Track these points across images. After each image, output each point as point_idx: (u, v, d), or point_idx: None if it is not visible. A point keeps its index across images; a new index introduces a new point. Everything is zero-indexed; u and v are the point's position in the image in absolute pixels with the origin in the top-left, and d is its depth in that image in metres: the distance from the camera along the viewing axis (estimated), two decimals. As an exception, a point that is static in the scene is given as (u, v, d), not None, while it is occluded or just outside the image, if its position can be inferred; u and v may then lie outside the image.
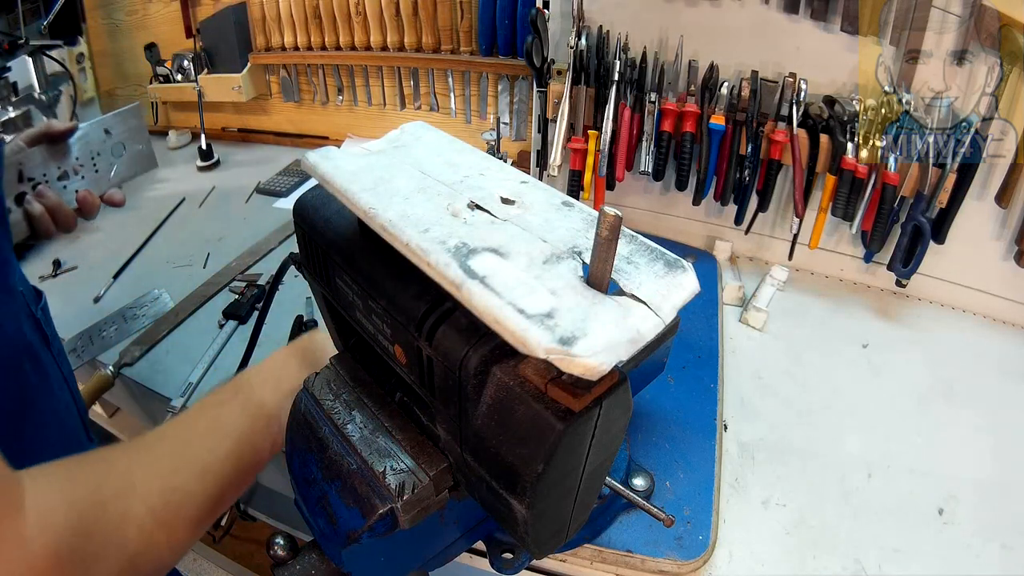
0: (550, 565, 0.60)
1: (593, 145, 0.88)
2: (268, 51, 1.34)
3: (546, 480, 0.32)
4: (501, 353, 0.32)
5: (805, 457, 0.68)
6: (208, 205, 1.23)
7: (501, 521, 0.40)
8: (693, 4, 0.83)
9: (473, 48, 1.14)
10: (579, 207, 0.37)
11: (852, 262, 0.92)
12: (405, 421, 0.44)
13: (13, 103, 1.12)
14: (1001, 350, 0.82)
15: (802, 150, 0.81)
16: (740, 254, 0.99)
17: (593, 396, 0.30)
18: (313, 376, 0.48)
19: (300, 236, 0.46)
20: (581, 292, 0.30)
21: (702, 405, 0.71)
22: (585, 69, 0.86)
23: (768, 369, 0.79)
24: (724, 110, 0.83)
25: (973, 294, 0.87)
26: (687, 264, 0.33)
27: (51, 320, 0.63)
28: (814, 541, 0.60)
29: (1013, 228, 0.79)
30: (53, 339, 0.61)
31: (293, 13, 1.26)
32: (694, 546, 0.57)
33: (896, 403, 0.74)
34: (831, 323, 0.87)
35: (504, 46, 1.10)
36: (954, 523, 0.62)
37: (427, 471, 0.40)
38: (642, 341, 0.29)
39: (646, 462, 0.62)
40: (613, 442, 0.36)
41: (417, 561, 0.48)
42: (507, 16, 1.06)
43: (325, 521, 0.42)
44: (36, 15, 1.16)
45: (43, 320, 0.60)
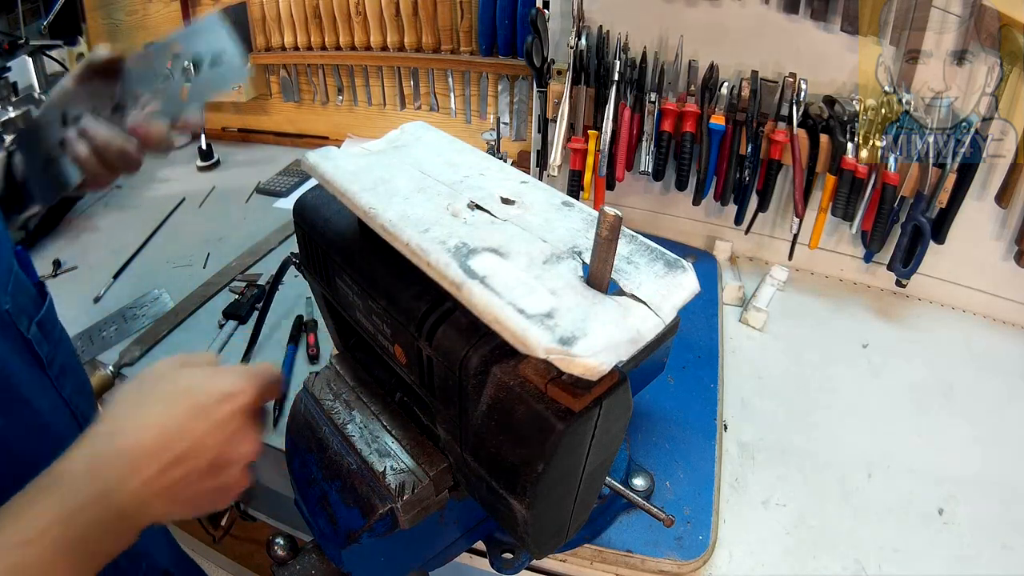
0: (550, 565, 0.59)
1: (593, 145, 0.88)
2: (268, 51, 1.34)
3: (546, 480, 0.32)
4: (501, 353, 0.32)
5: (805, 457, 0.68)
6: (208, 205, 1.23)
7: (501, 521, 0.40)
8: (693, 4, 0.83)
9: (473, 48, 1.14)
10: (579, 207, 0.37)
11: (852, 262, 0.92)
12: (405, 421, 0.44)
13: (13, 103, 1.12)
14: (1001, 350, 0.82)
15: (802, 150, 0.81)
16: (740, 254, 0.99)
17: (593, 396, 0.30)
18: (313, 376, 0.48)
19: (300, 236, 0.46)
20: (581, 292, 0.30)
21: (702, 405, 0.71)
22: (585, 69, 0.86)
23: (768, 369, 0.79)
24: (724, 110, 0.83)
25: (973, 294, 0.87)
26: (687, 264, 0.33)
27: (54, 329, 0.52)
28: (814, 541, 0.60)
29: (1013, 228, 0.79)
30: (52, 359, 0.49)
31: (293, 13, 1.26)
32: (694, 546, 0.57)
33: (896, 403, 0.74)
34: (831, 323, 0.86)
35: (504, 46, 1.10)
36: (954, 523, 0.62)
37: (427, 471, 0.40)
38: (642, 341, 0.29)
39: (646, 462, 0.62)
40: (613, 442, 0.36)
41: (417, 561, 0.48)
42: (507, 16, 1.06)
43: (325, 521, 0.42)
44: (36, 15, 1.16)
45: (37, 338, 0.47)
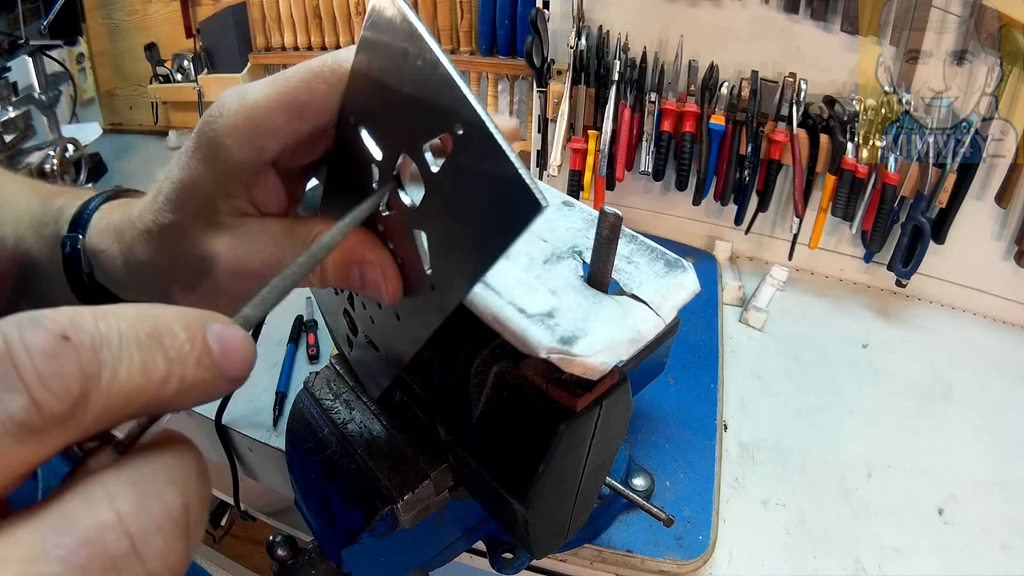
0: (550, 565, 0.59)
1: (593, 145, 0.88)
2: (268, 51, 1.34)
3: (546, 480, 0.32)
4: (501, 353, 0.32)
5: (805, 457, 0.68)
6: (208, 205, 1.23)
7: (501, 521, 0.40)
8: (693, 4, 0.83)
9: (473, 48, 1.14)
10: (579, 207, 0.37)
11: (852, 262, 0.92)
12: (405, 421, 0.44)
13: (13, 103, 1.12)
14: (1001, 350, 0.82)
15: (802, 150, 0.81)
16: (740, 254, 0.99)
17: (593, 396, 0.30)
18: (313, 376, 0.48)
19: (300, 236, 0.46)
20: (582, 292, 0.30)
21: (702, 405, 0.71)
22: (585, 69, 0.86)
23: (768, 369, 0.79)
24: (724, 110, 0.83)
25: (973, 294, 0.87)
26: (687, 264, 0.33)
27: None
28: (814, 541, 0.60)
29: (1013, 228, 0.79)
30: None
31: (293, 13, 1.26)
32: (694, 546, 0.57)
33: (896, 403, 0.74)
34: (831, 323, 0.86)
35: (504, 46, 1.10)
36: (954, 523, 0.62)
37: (427, 471, 0.40)
38: (643, 341, 0.29)
39: (646, 462, 0.62)
40: (613, 442, 0.36)
41: (417, 561, 0.48)
42: (507, 16, 1.06)
43: (325, 521, 0.42)
44: (36, 15, 1.16)
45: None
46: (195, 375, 0.16)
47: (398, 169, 0.24)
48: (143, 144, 1.44)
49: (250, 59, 1.36)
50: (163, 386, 0.15)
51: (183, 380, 0.16)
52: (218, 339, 0.16)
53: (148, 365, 0.15)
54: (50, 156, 1.09)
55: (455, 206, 0.23)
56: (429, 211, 0.24)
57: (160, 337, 0.15)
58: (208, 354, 0.16)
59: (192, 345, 0.16)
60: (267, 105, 0.25)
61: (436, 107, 0.22)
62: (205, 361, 0.16)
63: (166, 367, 0.15)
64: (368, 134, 0.26)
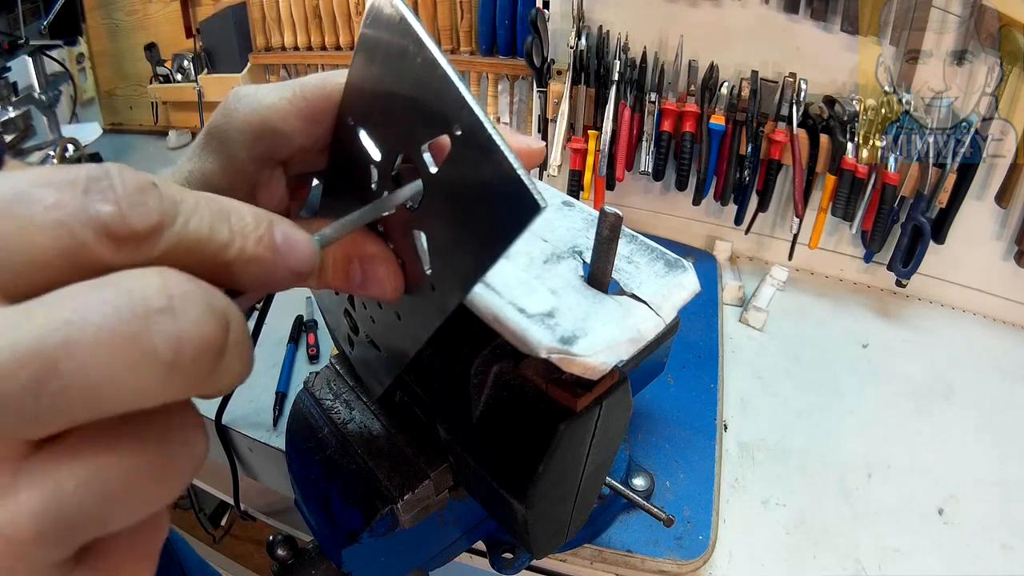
0: (550, 565, 0.59)
1: (593, 145, 0.88)
2: (268, 51, 1.34)
3: (546, 480, 0.32)
4: (501, 353, 0.32)
5: (805, 457, 0.68)
6: (208, 205, 1.23)
7: (501, 521, 0.40)
8: (693, 4, 0.83)
9: (473, 48, 1.13)
10: (579, 207, 0.37)
11: (852, 262, 0.92)
12: (405, 421, 0.44)
13: (13, 103, 1.12)
14: (1001, 350, 0.82)
15: (802, 150, 0.81)
16: (740, 254, 0.99)
17: (594, 396, 0.30)
18: (313, 376, 0.48)
19: (300, 236, 0.46)
20: (582, 292, 0.30)
21: (702, 405, 0.71)
22: (585, 69, 0.86)
23: (768, 369, 0.79)
24: (724, 110, 0.83)
25: (973, 294, 0.87)
26: (688, 264, 0.33)
27: None
28: (814, 541, 0.60)
29: (1013, 228, 0.79)
30: None
31: (293, 13, 1.26)
32: (694, 546, 0.57)
33: (896, 403, 0.74)
34: (831, 323, 0.86)
35: (504, 46, 1.10)
36: (954, 523, 0.62)
37: (427, 471, 0.40)
38: (643, 341, 0.29)
39: (646, 462, 0.62)
40: (613, 442, 0.36)
41: (417, 561, 0.48)
42: (507, 16, 1.06)
43: (325, 521, 0.42)
44: (36, 15, 1.16)
45: None
46: (255, 250, 0.18)
47: (396, 170, 0.24)
48: (143, 144, 1.44)
49: (250, 59, 1.36)
50: (225, 248, 0.17)
51: (243, 250, 0.18)
52: (283, 233, 0.19)
53: (215, 227, 0.17)
54: (50, 156, 1.09)
55: (454, 207, 0.23)
56: (428, 212, 0.24)
57: (229, 214, 0.18)
58: (270, 237, 0.18)
59: (256, 225, 0.18)
60: (283, 107, 0.26)
61: (434, 108, 0.22)
62: (267, 241, 0.18)
63: (229, 235, 0.17)
64: (366, 135, 0.26)
